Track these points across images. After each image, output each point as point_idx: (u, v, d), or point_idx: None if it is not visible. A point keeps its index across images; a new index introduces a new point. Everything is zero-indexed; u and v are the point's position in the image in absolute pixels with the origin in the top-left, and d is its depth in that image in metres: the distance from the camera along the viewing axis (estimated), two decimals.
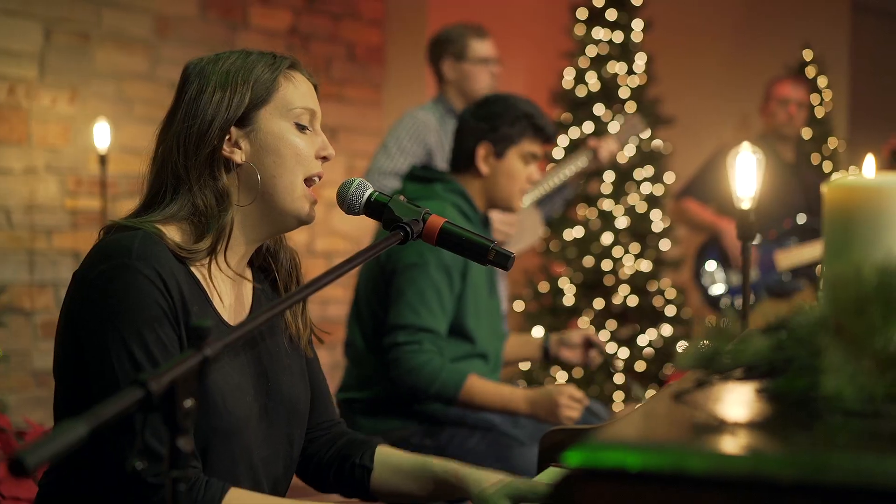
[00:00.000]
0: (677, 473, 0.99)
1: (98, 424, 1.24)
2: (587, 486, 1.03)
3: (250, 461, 2.00)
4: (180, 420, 1.37)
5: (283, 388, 2.13)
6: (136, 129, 5.85)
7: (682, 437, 1.08)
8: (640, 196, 6.88)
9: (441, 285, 3.34)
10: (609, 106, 6.89)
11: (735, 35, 7.90)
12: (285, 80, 2.07)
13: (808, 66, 7.18)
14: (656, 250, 6.90)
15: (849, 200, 1.26)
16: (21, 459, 1.15)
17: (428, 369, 3.25)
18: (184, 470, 1.39)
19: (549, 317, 6.90)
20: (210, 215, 1.98)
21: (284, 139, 2.03)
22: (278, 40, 6.64)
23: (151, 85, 5.97)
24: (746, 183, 2.89)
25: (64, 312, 1.96)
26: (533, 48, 7.69)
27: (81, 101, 5.68)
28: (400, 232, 1.95)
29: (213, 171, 2.00)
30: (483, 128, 3.53)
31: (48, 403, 5.47)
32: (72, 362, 1.92)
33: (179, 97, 2.05)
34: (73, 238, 5.65)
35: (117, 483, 1.83)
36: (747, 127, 7.72)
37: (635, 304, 6.83)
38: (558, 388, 3.30)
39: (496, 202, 3.59)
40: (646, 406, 1.27)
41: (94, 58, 5.74)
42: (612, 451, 1.02)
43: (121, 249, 1.88)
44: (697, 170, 5.86)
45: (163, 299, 1.87)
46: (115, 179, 5.73)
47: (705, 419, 1.16)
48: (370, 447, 2.25)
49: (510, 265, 2.00)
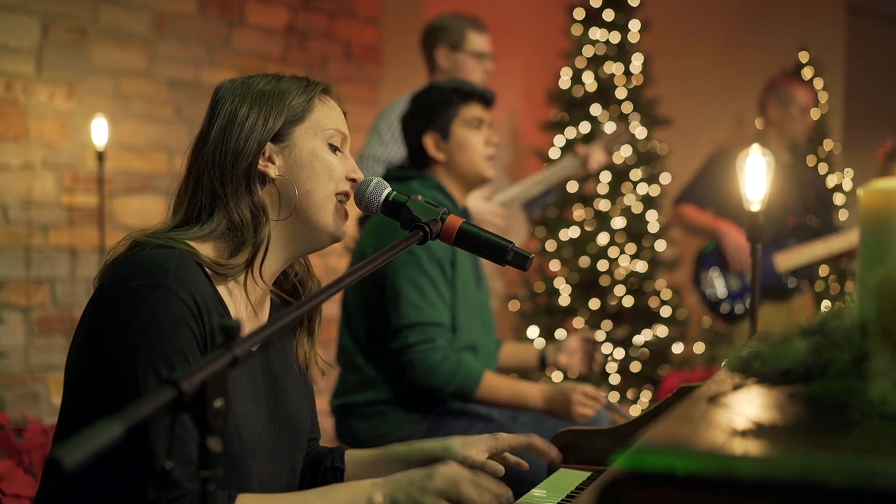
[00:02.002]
0: (726, 478, 0.99)
1: (133, 424, 1.23)
2: (633, 491, 1.03)
3: (254, 487, 1.99)
4: (211, 420, 1.37)
5: (291, 414, 2.14)
6: (134, 126, 5.84)
7: (727, 442, 1.07)
8: (637, 197, 6.89)
9: (436, 278, 3.34)
10: (605, 106, 6.89)
11: (731, 36, 7.90)
12: (319, 102, 2.11)
13: (805, 68, 7.18)
14: (652, 251, 6.91)
15: (885, 204, 1.26)
16: (58, 460, 1.14)
17: (445, 368, 3.26)
18: (214, 470, 1.38)
19: (545, 317, 6.90)
20: (246, 229, 1.99)
21: (318, 156, 2.06)
22: (275, 38, 6.64)
23: (149, 82, 5.95)
24: (756, 185, 2.88)
25: (88, 319, 1.94)
26: (530, 48, 7.69)
27: (79, 98, 5.66)
28: (419, 232, 1.95)
29: (249, 185, 2.01)
30: (419, 121, 3.57)
31: (44, 400, 5.46)
32: (89, 369, 1.90)
33: (212, 116, 2.06)
34: (69, 234, 5.63)
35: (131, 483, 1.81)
36: (742, 128, 7.72)
37: (631, 305, 6.83)
38: (574, 385, 3.31)
39: (466, 179, 3.59)
40: (681, 409, 1.26)
41: (92, 54, 5.72)
42: (660, 456, 1.02)
43: (157, 268, 1.87)
44: (694, 174, 5.85)
45: (195, 323, 1.86)
46: (112, 176, 5.71)
47: (744, 423, 1.16)
48: (339, 451, 2.30)
49: (528, 265, 2.00)
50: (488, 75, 4.85)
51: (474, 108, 3.57)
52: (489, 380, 3.31)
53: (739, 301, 5.58)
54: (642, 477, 1.02)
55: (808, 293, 5.80)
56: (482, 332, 3.58)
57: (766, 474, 0.98)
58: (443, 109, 3.54)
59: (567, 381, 3.50)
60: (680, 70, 7.68)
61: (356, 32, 7.22)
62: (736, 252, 5.45)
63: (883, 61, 8.16)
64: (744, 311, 5.58)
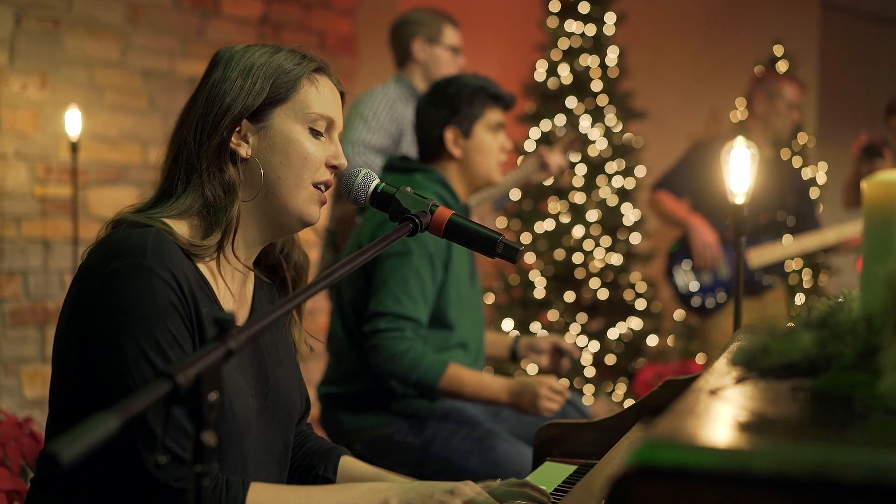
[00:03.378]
0: (739, 473, 0.97)
1: (129, 418, 1.21)
2: (643, 487, 1.01)
3: (250, 464, 1.97)
4: (206, 413, 1.34)
5: (281, 390, 2.11)
6: (107, 117, 5.79)
7: (737, 436, 1.06)
8: (612, 189, 6.89)
9: (424, 274, 3.32)
10: (581, 99, 6.89)
11: (706, 30, 7.92)
12: (308, 82, 2.04)
13: (780, 62, 7.20)
14: (627, 244, 6.91)
15: (889, 196, 1.25)
16: (55, 455, 1.11)
17: (409, 357, 3.23)
18: (208, 464, 1.36)
19: (520, 309, 6.89)
20: (218, 207, 1.96)
21: (295, 141, 2.01)
22: (249, 29, 6.59)
23: (123, 72, 5.90)
24: (740, 177, 2.88)
25: (70, 305, 1.91)
26: (505, 40, 7.68)
27: (52, 88, 5.60)
28: (409, 224, 1.93)
29: (220, 162, 1.97)
30: (444, 113, 3.53)
31: (17, 392, 5.39)
32: (75, 354, 1.88)
33: (203, 82, 2.04)
34: (42, 226, 5.57)
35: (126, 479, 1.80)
36: (718, 121, 7.74)
37: (606, 298, 6.84)
38: (539, 379, 3.29)
39: (476, 181, 3.58)
40: (683, 403, 1.25)
41: (65, 44, 5.67)
42: (671, 451, 1.00)
43: (134, 248, 1.84)
44: (675, 162, 5.86)
45: (176, 299, 1.84)
46: (85, 167, 5.66)
47: (751, 417, 1.15)
48: (333, 459, 2.26)
49: (519, 258, 1.99)
50: (461, 71, 4.85)
51: (498, 111, 3.58)
52: (454, 373, 3.27)
53: (710, 295, 5.60)
54: (653, 472, 1.01)
55: (781, 288, 5.82)
56: (473, 329, 3.56)
57: (781, 469, 0.97)
58: (469, 107, 3.52)
59: (534, 375, 3.48)
60: (655, 63, 7.69)
61: (331, 24, 7.19)
62: (702, 248, 5.46)
63: (857, 56, 8.20)
64: (715, 305, 5.59)
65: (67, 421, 1.92)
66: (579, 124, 6.75)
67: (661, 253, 6.86)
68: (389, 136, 4.56)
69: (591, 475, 2.03)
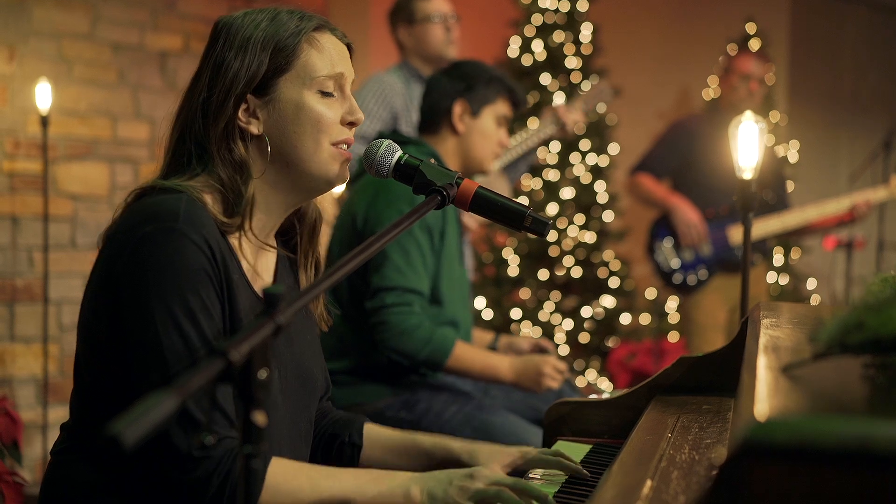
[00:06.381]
0: (862, 451, 0.93)
1: (188, 396, 1.15)
2: (757, 469, 0.96)
3: (274, 441, 1.92)
4: (255, 392, 1.28)
5: (305, 363, 2.08)
6: (77, 91, 5.66)
7: (852, 414, 1.02)
8: (586, 167, 6.87)
9: (424, 246, 3.28)
10: (555, 76, 6.85)
11: (678, 6, 7.90)
12: (308, 45, 1.97)
13: (752, 40, 7.19)
14: (600, 222, 6.89)
15: None
16: (117, 437, 1.06)
17: (420, 333, 3.19)
18: (257, 445, 1.30)
19: (493, 287, 6.86)
20: (234, 189, 1.91)
21: (305, 107, 1.94)
22: (220, 3, 6.46)
23: (92, 45, 5.76)
24: (748, 153, 2.84)
25: (99, 272, 1.86)
26: (478, 16, 7.60)
27: (19, 61, 5.47)
28: (437, 196, 1.87)
29: (228, 142, 1.92)
30: (459, 87, 3.54)
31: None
32: (105, 323, 1.83)
33: (206, 58, 1.97)
34: (10, 202, 5.44)
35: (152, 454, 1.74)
36: (689, 99, 7.73)
37: (579, 276, 6.81)
38: (543, 358, 3.29)
39: (469, 163, 3.57)
40: (756, 382, 1.19)
41: (33, 16, 5.52)
42: (790, 427, 0.95)
43: (167, 212, 1.80)
44: (652, 144, 5.83)
45: (209, 265, 1.80)
46: (54, 142, 5.54)
47: (854, 395, 1.10)
48: (357, 425, 2.24)
49: (548, 232, 1.93)
50: (451, 32, 4.80)
51: (507, 105, 3.60)
52: (461, 350, 3.26)
53: (692, 272, 5.58)
54: (768, 452, 0.96)
55: (762, 266, 5.82)
56: (461, 307, 3.53)
57: None
58: (484, 88, 3.54)
59: (536, 354, 3.46)
60: (628, 40, 7.67)
61: (302, 3, 7.07)
62: (686, 228, 5.45)
63: (826, 36, 8.22)
64: (696, 282, 5.58)
65: (97, 392, 1.88)
66: (553, 101, 6.70)
67: (634, 231, 6.84)
68: (381, 120, 4.54)
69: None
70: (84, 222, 5.69)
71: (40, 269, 5.48)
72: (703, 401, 2.28)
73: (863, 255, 6.72)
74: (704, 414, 2.16)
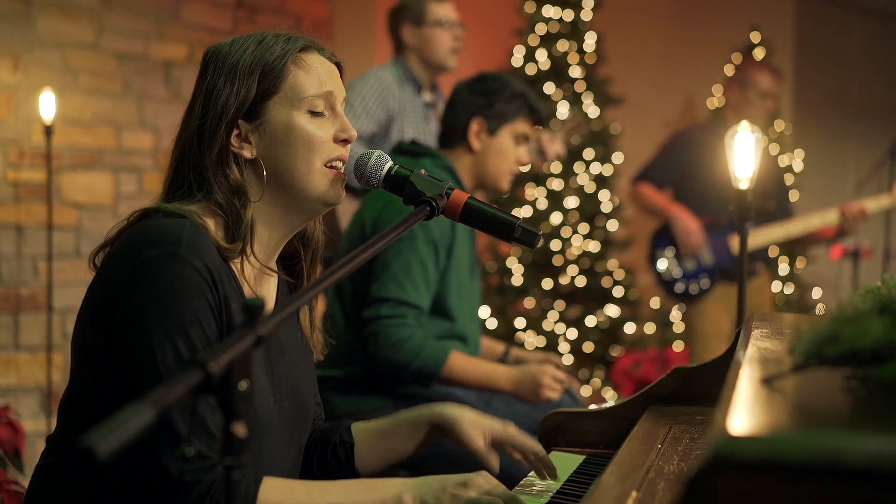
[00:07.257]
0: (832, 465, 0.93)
1: (163, 408, 1.15)
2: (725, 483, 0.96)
3: (264, 466, 1.93)
4: (236, 403, 1.29)
5: (299, 390, 2.09)
6: (81, 101, 5.68)
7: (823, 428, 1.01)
8: (590, 176, 6.86)
9: (427, 261, 3.27)
10: (559, 85, 6.86)
11: (683, 15, 7.90)
12: (295, 66, 1.98)
13: (756, 49, 7.19)
14: (605, 231, 6.89)
15: None
16: (91, 448, 1.06)
17: (411, 344, 3.18)
18: (238, 456, 1.30)
19: (497, 296, 6.86)
20: (233, 213, 1.92)
21: (295, 128, 1.95)
22: (224, 11, 6.49)
23: (96, 55, 5.78)
24: (744, 163, 2.84)
25: (97, 292, 1.87)
26: (483, 25, 7.61)
27: (24, 70, 5.49)
28: (426, 207, 1.87)
29: (224, 168, 1.94)
30: (479, 103, 3.49)
31: None
32: (102, 342, 1.83)
33: (198, 86, 1.99)
34: (15, 211, 5.46)
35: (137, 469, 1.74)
36: (693, 108, 7.72)
37: (583, 285, 6.81)
38: (541, 368, 3.26)
39: (484, 181, 3.54)
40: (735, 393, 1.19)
41: (37, 25, 5.55)
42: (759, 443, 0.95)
43: (170, 237, 1.81)
44: (654, 154, 5.82)
45: (209, 293, 1.81)
46: (58, 151, 5.56)
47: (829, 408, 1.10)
48: (345, 426, 2.24)
49: (537, 243, 1.93)
50: (458, 41, 4.79)
51: (528, 123, 3.54)
52: (457, 360, 3.24)
53: (694, 281, 5.57)
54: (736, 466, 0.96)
55: (766, 275, 5.81)
56: (471, 321, 3.52)
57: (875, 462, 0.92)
58: (505, 105, 3.48)
59: (535, 364, 3.45)
60: (632, 49, 7.67)
61: (307, 7, 7.09)
62: (686, 237, 5.44)
63: (832, 43, 8.21)
64: (698, 292, 5.57)
65: (88, 407, 1.88)
66: (557, 110, 6.71)
67: (638, 240, 6.83)
68: (377, 121, 4.50)
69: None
70: (88, 231, 5.71)
71: (44, 278, 5.50)
72: (697, 411, 2.28)
73: (870, 263, 6.70)
74: (697, 424, 2.16)
